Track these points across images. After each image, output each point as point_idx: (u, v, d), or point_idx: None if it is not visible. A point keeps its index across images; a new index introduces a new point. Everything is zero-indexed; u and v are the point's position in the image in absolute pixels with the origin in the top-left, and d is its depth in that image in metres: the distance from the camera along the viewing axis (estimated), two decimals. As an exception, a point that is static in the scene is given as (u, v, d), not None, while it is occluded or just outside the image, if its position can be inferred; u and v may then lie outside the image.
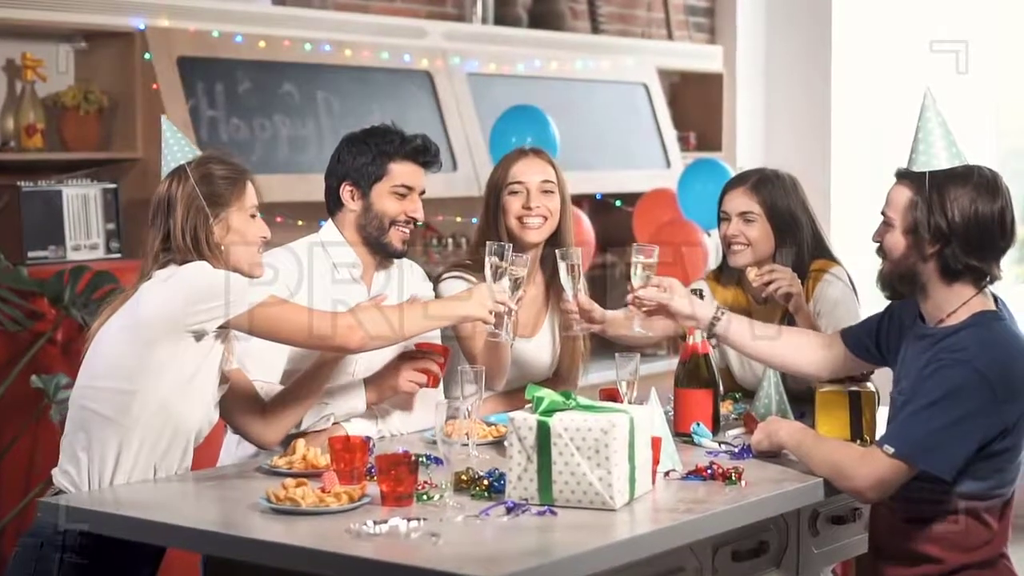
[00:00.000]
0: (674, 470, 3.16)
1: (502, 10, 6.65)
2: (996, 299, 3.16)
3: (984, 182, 3.07)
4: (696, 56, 7.59)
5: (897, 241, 3.13)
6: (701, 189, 5.95)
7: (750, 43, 7.91)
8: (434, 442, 3.41)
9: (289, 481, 2.87)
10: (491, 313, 3.40)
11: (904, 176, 3.15)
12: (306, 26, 5.71)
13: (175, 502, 2.97)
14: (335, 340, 3.24)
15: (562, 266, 3.61)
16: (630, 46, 7.16)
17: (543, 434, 2.85)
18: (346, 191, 3.65)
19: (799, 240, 3.97)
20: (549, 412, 2.88)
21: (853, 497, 3.16)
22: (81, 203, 4.96)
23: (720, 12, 7.92)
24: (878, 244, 3.19)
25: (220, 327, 3.15)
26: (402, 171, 3.65)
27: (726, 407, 3.91)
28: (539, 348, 3.90)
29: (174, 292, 3.11)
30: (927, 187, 3.07)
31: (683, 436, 3.53)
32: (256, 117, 5.45)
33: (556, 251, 3.64)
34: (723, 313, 3.49)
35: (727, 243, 4.01)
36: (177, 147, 3.32)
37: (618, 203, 6.77)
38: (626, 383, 3.49)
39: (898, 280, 3.15)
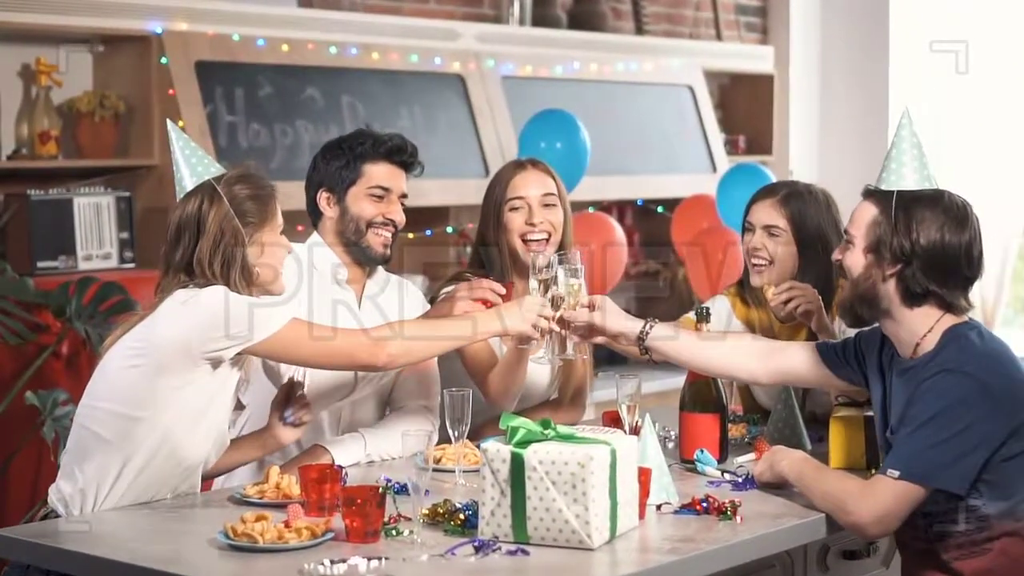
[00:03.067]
0: (668, 503, 2.97)
1: (540, 11, 6.47)
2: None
3: (954, 210, 2.94)
4: (745, 57, 7.37)
5: (857, 260, 2.99)
6: (741, 195, 5.70)
7: (804, 43, 7.67)
8: (425, 468, 3.27)
9: (248, 514, 2.71)
10: (535, 328, 3.25)
11: (871, 194, 3.01)
12: (332, 29, 5.56)
13: (136, 535, 2.80)
14: (362, 358, 3.10)
15: (561, 271, 3.38)
16: (675, 47, 6.95)
17: (517, 467, 2.67)
18: (323, 198, 3.54)
19: (826, 262, 3.73)
20: (524, 443, 2.70)
21: (855, 534, 2.95)
22: (93, 211, 4.84)
23: (772, 11, 7.69)
24: (838, 263, 3.05)
25: (238, 354, 3.00)
26: (377, 172, 3.53)
27: (739, 430, 3.72)
28: (537, 368, 3.71)
29: (191, 317, 2.96)
30: (893, 206, 2.93)
31: (688, 463, 3.34)
32: (277, 123, 5.31)
33: (554, 256, 3.44)
34: (652, 327, 3.30)
35: (748, 256, 3.81)
36: (193, 156, 3.12)
37: (660, 209, 6.57)
38: (626, 407, 3.30)
39: (859, 303, 2.99)
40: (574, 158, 5.37)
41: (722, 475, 3.23)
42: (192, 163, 3.10)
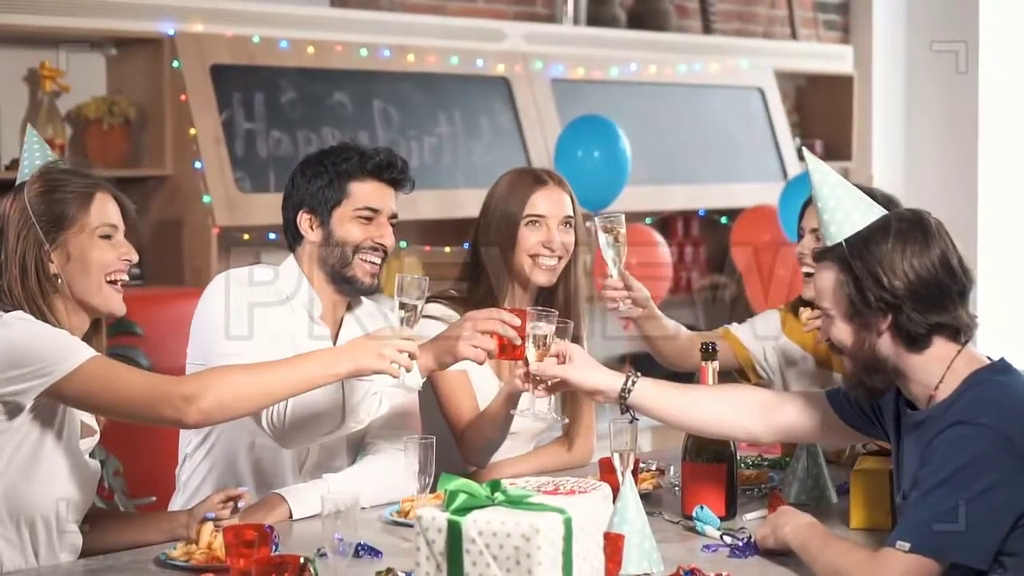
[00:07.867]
0: (649, 573, 2.58)
1: (597, 10, 6.10)
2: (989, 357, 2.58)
3: (908, 230, 2.51)
4: (821, 56, 6.94)
5: (842, 331, 2.57)
6: (805, 206, 5.30)
7: (888, 42, 7.21)
8: (395, 522, 2.94)
9: (152, 586, 2.38)
10: (394, 364, 2.76)
11: (822, 256, 2.59)
12: (363, 29, 5.25)
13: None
14: (166, 414, 2.58)
15: (603, 237, 3.06)
16: (744, 47, 6.54)
17: (454, 538, 2.30)
18: (304, 220, 3.17)
19: None
20: (464, 510, 2.33)
21: (859, 618, 2.53)
22: (97, 225, 4.56)
23: (855, 9, 7.23)
24: (828, 342, 2.64)
25: (38, 397, 2.57)
26: (364, 191, 3.15)
27: (761, 476, 3.31)
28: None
29: None
30: (849, 258, 2.52)
31: (689, 520, 2.96)
32: (301, 129, 5.01)
33: (596, 218, 3.09)
34: (634, 383, 2.85)
35: (799, 264, 3.44)
36: (41, 161, 2.80)
37: (723, 220, 6.17)
38: (619, 455, 2.90)
39: (865, 374, 2.56)
40: (614, 168, 5.00)
41: (721, 537, 2.83)
42: (26, 164, 2.75)
